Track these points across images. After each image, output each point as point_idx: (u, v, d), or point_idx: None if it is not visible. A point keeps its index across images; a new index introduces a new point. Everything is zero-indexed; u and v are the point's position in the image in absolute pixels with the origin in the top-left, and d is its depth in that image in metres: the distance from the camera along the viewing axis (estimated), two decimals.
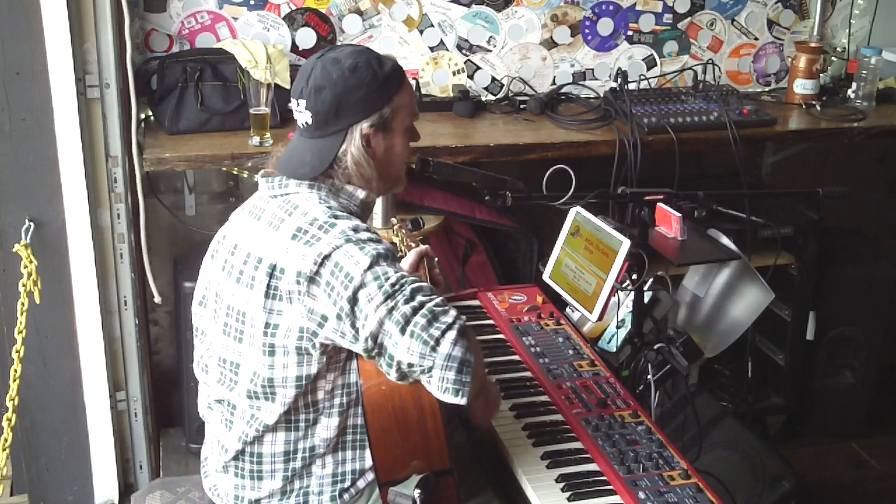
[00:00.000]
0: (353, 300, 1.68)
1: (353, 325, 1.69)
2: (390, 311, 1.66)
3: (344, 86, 1.82)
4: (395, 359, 1.68)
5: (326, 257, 1.72)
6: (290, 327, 1.77)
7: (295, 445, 1.86)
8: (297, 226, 1.78)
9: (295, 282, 1.74)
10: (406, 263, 2.19)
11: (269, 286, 1.77)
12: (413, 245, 2.23)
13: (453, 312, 1.70)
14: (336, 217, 1.79)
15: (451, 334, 1.66)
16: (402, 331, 1.66)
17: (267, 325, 1.78)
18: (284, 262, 1.76)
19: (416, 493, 1.76)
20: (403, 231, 2.31)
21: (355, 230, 1.76)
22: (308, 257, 1.73)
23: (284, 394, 1.81)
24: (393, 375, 1.71)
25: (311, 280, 1.73)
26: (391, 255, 1.75)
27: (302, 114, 1.86)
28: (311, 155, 1.87)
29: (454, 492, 1.82)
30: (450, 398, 1.68)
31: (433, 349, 1.65)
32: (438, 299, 1.70)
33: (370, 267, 1.69)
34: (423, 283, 1.72)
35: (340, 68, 1.82)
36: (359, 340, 1.70)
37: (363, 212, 1.92)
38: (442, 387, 1.68)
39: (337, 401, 1.84)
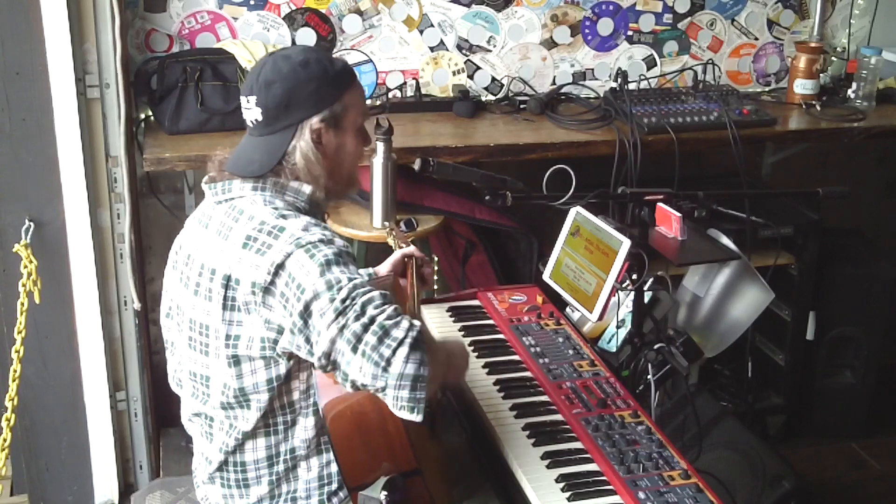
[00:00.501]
0: (307, 313, 1.65)
1: (307, 340, 1.67)
2: (341, 329, 1.62)
3: (295, 80, 1.80)
4: (348, 376, 1.64)
5: (280, 266, 1.70)
6: (252, 337, 1.75)
7: (276, 449, 1.86)
8: (247, 233, 1.75)
9: (251, 292, 1.72)
10: (388, 263, 2.19)
11: (226, 297, 1.75)
12: (404, 246, 2.23)
13: (405, 324, 1.64)
14: (284, 217, 1.77)
15: (403, 351, 1.61)
16: (354, 350, 1.61)
17: (228, 337, 1.77)
18: (238, 272, 1.74)
19: (383, 495, 1.75)
20: (395, 233, 2.31)
21: (305, 230, 1.73)
22: (261, 267, 1.71)
23: (259, 399, 1.80)
24: (349, 389, 1.67)
25: (266, 290, 1.71)
26: (343, 257, 1.71)
27: (251, 110, 1.84)
28: (260, 152, 1.85)
29: (425, 491, 1.81)
30: (406, 415, 1.65)
31: (384, 370, 1.61)
32: (390, 310, 1.64)
33: (321, 275, 1.66)
34: (374, 293, 1.66)
35: (291, 63, 1.81)
36: (313, 356, 1.67)
37: (312, 208, 1.88)
38: (397, 405, 1.64)
39: (312, 400, 1.83)
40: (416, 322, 1.66)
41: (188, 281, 1.84)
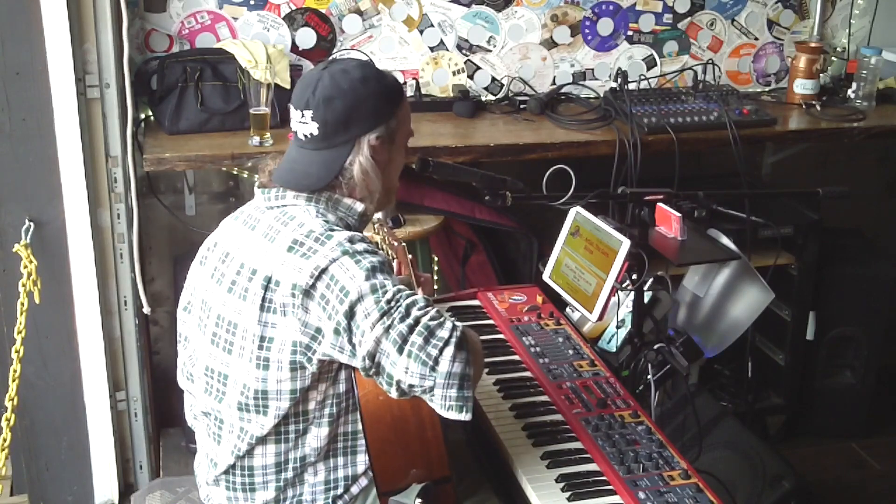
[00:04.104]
0: (350, 314, 1.67)
1: (350, 341, 1.68)
2: (387, 329, 1.65)
3: (355, 96, 1.81)
4: (394, 378, 1.66)
5: (323, 271, 1.71)
6: (284, 341, 1.75)
7: (286, 456, 1.85)
8: (294, 238, 1.77)
9: (290, 294, 1.72)
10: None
11: (264, 299, 1.75)
12: (395, 243, 2.23)
13: (449, 324, 1.67)
14: (332, 230, 1.78)
15: (449, 351, 1.64)
16: (400, 350, 1.64)
17: (262, 339, 1.76)
18: (280, 274, 1.74)
19: (418, 502, 1.76)
20: (384, 230, 2.31)
21: (351, 241, 1.75)
22: (304, 270, 1.72)
23: (278, 406, 1.79)
24: (394, 394, 1.69)
25: (306, 293, 1.71)
26: (387, 267, 1.74)
27: (307, 125, 1.83)
28: (317, 166, 1.85)
29: (453, 498, 1.83)
30: (454, 415, 1.67)
31: (432, 369, 1.64)
32: (433, 311, 1.68)
33: (366, 279, 1.68)
34: (418, 297, 1.70)
35: (350, 79, 1.82)
36: (356, 357, 1.69)
37: (361, 225, 1.90)
38: (445, 405, 1.66)
39: (327, 411, 1.83)
40: (459, 323, 1.70)
41: (222, 278, 1.84)
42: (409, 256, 2.18)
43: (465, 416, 1.67)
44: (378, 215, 2.74)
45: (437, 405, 1.67)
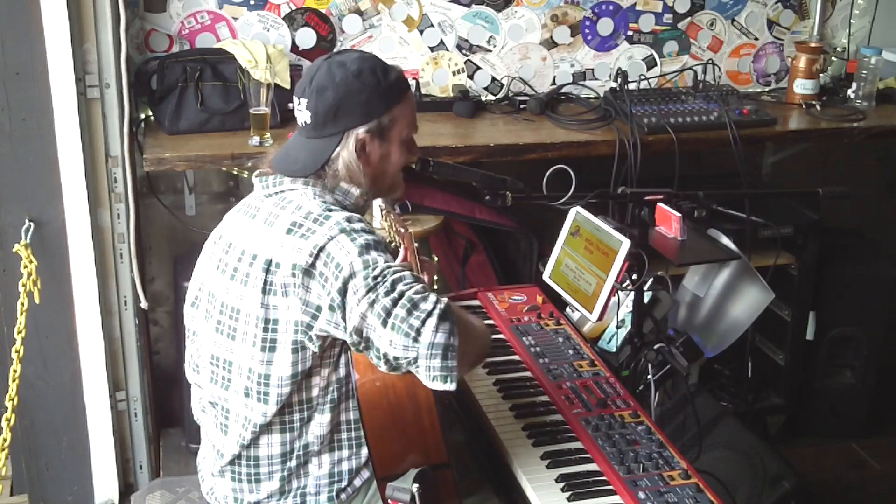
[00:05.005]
0: (343, 291, 1.70)
1: (343, 318, 1.71)
2: (372, 304, 1.67)
3: (346, 89, 1.83)
4: (381, 351, 1.69)
5: (321, 249, 1.74)
6: (288, 321, 1.77)
7: (291, 445, 1.87)
8: (292, 220, 1.79)
9: (290, 274, 1.75)
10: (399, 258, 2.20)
11: (265, 282, 1.78)
12: (402, 230, 2.23)
13: (433, 297, 1.69)
14: (330, 210, 1.81)
15: (432, 322, 1.66)
16: (384, 323, 1.66)
17: (266, 322, 1.79)
18: (280, 256, 1.77)
19: (414, 486, 1.76)
20: (392, 216, 2.30)
21: (349, 220, 1.78)
22: (304, 250, 1.75)
23: (280, 393, 1.81)
24: (384, 367, 1.71)
25: (306, 272, 1.74)
26: (381, 246, 1.76)
27: (302, 112, 1.88)
28: (305, 154, 1.88)
29: (453, 485, 1.83)
30: (439, 385, 1.69)
31: (415, 340, 1.66)
32: (419, 286, 1.70)
33: (359, 255, 1.71)
34: (405, 272, 1.72)
35: (345, 71, 1.84)
36: (346, 332, 1.71)
37: (357, 210, 1.92)
38: (430, 375, 1.68)
39: (329, 396, 1.85)
40: (444, 298, 1.71)
41: (225, 267, 1.86)
42: (416, 245, 2.18)
43: (450, 386, 1.69)
44: (378, 202, 2.75)
45: (423, 376, 1.69)
